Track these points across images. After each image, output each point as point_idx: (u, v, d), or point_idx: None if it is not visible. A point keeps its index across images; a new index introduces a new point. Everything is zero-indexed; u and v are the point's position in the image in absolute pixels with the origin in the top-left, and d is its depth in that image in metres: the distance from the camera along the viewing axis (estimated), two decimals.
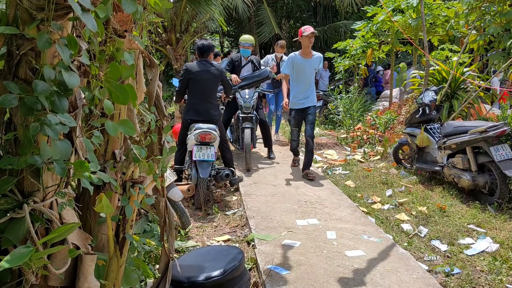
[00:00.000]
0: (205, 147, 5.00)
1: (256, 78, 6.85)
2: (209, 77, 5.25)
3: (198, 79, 5.23)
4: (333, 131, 10.03)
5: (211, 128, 5.05)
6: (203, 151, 4.98)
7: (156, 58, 2.11)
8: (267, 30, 15.88)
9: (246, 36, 7.38)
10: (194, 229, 4.36)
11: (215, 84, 5.37)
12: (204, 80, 5.24)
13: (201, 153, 4.96)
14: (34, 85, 1.21)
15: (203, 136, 4.98)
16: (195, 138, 4.99)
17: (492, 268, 3.48)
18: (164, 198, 2.14)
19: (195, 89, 5.27)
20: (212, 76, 5.28)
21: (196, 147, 4.99)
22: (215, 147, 5.09)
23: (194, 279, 2.24)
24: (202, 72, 5.23)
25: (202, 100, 5.25)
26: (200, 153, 4.96)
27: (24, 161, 1.27)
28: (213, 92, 5.37)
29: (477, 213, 4.65)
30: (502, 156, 4.70)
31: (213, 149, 5.02)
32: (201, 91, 5.25)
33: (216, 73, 5.31)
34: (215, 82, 5.36)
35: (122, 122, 1.53)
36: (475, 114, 6.54)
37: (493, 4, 5.81)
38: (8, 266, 1.14)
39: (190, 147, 5.09)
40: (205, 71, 5.24)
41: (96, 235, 1.84)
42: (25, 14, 1.30)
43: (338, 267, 3.38)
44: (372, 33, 9.67)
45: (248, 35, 7.56)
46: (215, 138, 5.04)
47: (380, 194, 5.44)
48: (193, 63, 5.40)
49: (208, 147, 5.00)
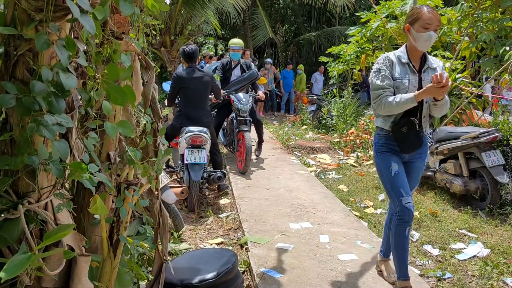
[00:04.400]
0: (197, 150, 5.02)
1: (245, 81, 6.89)
2: (200, 85, 5.30)
3: (190, 88, 5.27)
4: (326, 135, 10.06)
5: (202, 131, 5.07)
6: (195, 154, 5.00)
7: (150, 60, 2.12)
8: (262, 34, 15.93)
9: (236, 39, 7.41)
10: (187, 232, 4.36)
11: (206, 91, 5.41)
12: (196, 88, 5.28)
13: (192, 156, 4.98)
14: (32, 86, 1.21)
15: (194, 139, 5.00)
16: (186, 141, 5.01)
17: (483, 273, 3.51)
18: (158, 200, 2.14)
19: (187, 97, 5.31)
20: (203, 83, 5.33)
21: (188, 150, 5.01)
22: (206, 150, 5.11)
23: (187, 282, 2.24)
24: (193, 80, 5.27)
25: (195, 107, 5.28)
26: (192, 156, 4.98)
27: (21, 162, 1.27)
28: (205, 99, 5.41)
29: (469, 218, 4.68)
30: (494, 162, 4.74)
31: (204, 151, 5.04)
32: (193, 99, 5.29)
33: (207, 79, 5.36)
34: (206, 89, 5.40)
35: (121, 123, 1.53)
36: (467, 120, 6.60)
37: (485, 11, 5.87)
38: (7, 277, 1.11)
39: (182, 150, 5.10)
40: (196, 79, 5.28)
41: (90, 237, 1.83)
42: (23, 14, 1.30)
43: (331, 271, 3.39)
44: (366, 39, 9.73)
45: (237, 39, 7.60)
46: (206, 141, 5.06)
47: (373, 198, 5.46)
48: (183, 71, 5.42)
49: (200, 150, 5.02)
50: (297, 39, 19.43)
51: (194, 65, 5.40)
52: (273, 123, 12.22)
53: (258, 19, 16.29)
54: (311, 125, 11.23)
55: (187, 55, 5.39)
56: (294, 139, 9.14)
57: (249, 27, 16.94)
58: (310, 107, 11.71)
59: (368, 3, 16.15)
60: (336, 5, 15.29)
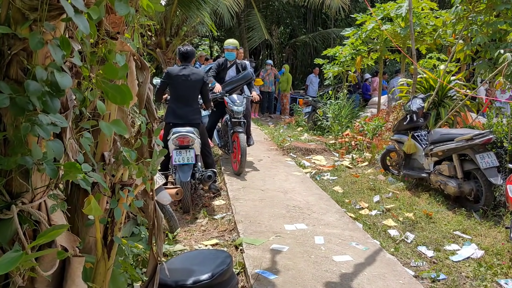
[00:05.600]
0: (184, 150, 5.03)
1: (240, 81, 6.88)
2: (189, 82, 5.29)
3: (178, 84, 5.28)
4: (321, 137, 10.07)
5: (189, 131, 5.08)
6: (183, 154, 5.01)
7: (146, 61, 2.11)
8: (257, 35, 15.92)
9: (231, 39, 7.41)
10: (182, 233, 4.35)
11: (195, 89, 5.38)
12: (184, 85, 5.28)
13: (180, 157, 4.98)
14: (26, 85, 1.20)
15: (181, 140, 5.01)
16: (174, 143, 5.03)
17: (477, 274, 3.53)
18: (153, 201, 2.13)
19: (175, 93, 5.33)
20: (192, 81, 5.31)
21: (176, 151, 5.02)
22: (195, 149, 5.10)
23: (182, 283, 2.23)
24: (182, 77, 5.27)
25: (182, 104, 5.29)
26: (180, 157, 4.99)
27: (14, 162, 1.26)
28: (193, 97, 5.38)
29: (463, 219, 4.70)
30: (488, 164, 4.76)
31: (193, 152, 5.03)
32: (181, 96, 5.29)
33: (196, 78, 5.34)
34: (195, 87, 5.37)
35: (115, 122, 1.53)
36: (461, 122, 6.63)
37: (480, 15, 5.91)
38: None
39: (170, 151, 5.10)
40: (185, 76, 5.28)
41: (84, 238, 1.82)
42: (17, 14, 1.29)
43: (326, 272, 3.39)
44: (361, 41, 9.77)
45: (232, 39, 7.60)
46: (194, 141, 5.06)
47: (368, 200, 5.48)
48: (175, 67, 5.44)
49: (188, 151, 5.02)
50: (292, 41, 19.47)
51: (187, 64, 5.41)
52: (268, 125, 12.22)
53: (254, 20, 16.28)
54: (306, 127, 11.24)
55: (181, 54, 5.43)
56: (290, 140, 9.14)
57: (245, 28, 16.94)
58: (305, 108, 11.72)
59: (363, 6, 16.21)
60: (331, 7, 15.31)
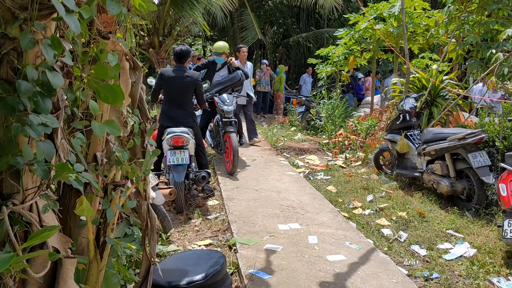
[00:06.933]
0: (179, 151, 5.01)
1: (229, 83, 6.85)
2: (182, 84, 5.27)
3: (171, 86, 5.26)
4: (315, 136, 10.09)
5: (184, 132, 5.06)
6: (177, 155, 4.99)
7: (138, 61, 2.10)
8: (251, 35, 15.89)
9: (220, 43, 7.34)
10: (175, 233, 4.33)
11: (188, 92, 5.35)
12: (177, 87, 5.27)
13: (175, 157, 4.97)
14: (18, 85, 1.19)
15: (175, 140, 4.99)
16: (168, 143, 5.01)
17: (470, 272, 3.55)
18: (146, 201, 2.12)
19: (168, 95, 5.32)
20: (186, 83, 5.29)
21: (170, 151, 5.01)
22: (189, 150, 5.09)
23: (175, 284, 2.23)
24: (175, 79, 5.25)
25: (175, 106, 5.28)
26: (174, 157, 4.97)
27: (5, 162, 1.24)
28: (186, 99, 5.35)
29: (456, 218, 4.73)
30: (480, 163, 4.79)
31: (187, 152, 5.02)
32: (173, 98, 5.28)
33: (190, 81, 5.31)
34: (189, 90, 5.34)
35: (107, 122, 1.52)
36: (454, 122, 6.67)
37: (472, 14, 5.95)
38: None
39: (165, 152, 5.08)
40: (179, 78, 5.26)
41: (76, 238, 1.81)
42: (7, 13, 1.28)
43: (320, 272, 3.39)
44: (354, 41, 9.80)
45: (222, 41, 7.56)
46: (188, 141, 5.05)
47: (361, 199, 5.49)
48: (168, 68, 5.42)
49: (182, 151, 5.01)
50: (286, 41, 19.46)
51: (181, 65, 5.38)
52: (262, 125, 12.22)
53: (247, 20, 16.25)
54: (300, 127, 11.25)
55: (175, 54, 5.40)
56: (283, 140, 9.14)
57: (238, 28, 16.91)
58: (299, 108, 11.73)
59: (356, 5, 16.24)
60: (324, 7, 15.33)
